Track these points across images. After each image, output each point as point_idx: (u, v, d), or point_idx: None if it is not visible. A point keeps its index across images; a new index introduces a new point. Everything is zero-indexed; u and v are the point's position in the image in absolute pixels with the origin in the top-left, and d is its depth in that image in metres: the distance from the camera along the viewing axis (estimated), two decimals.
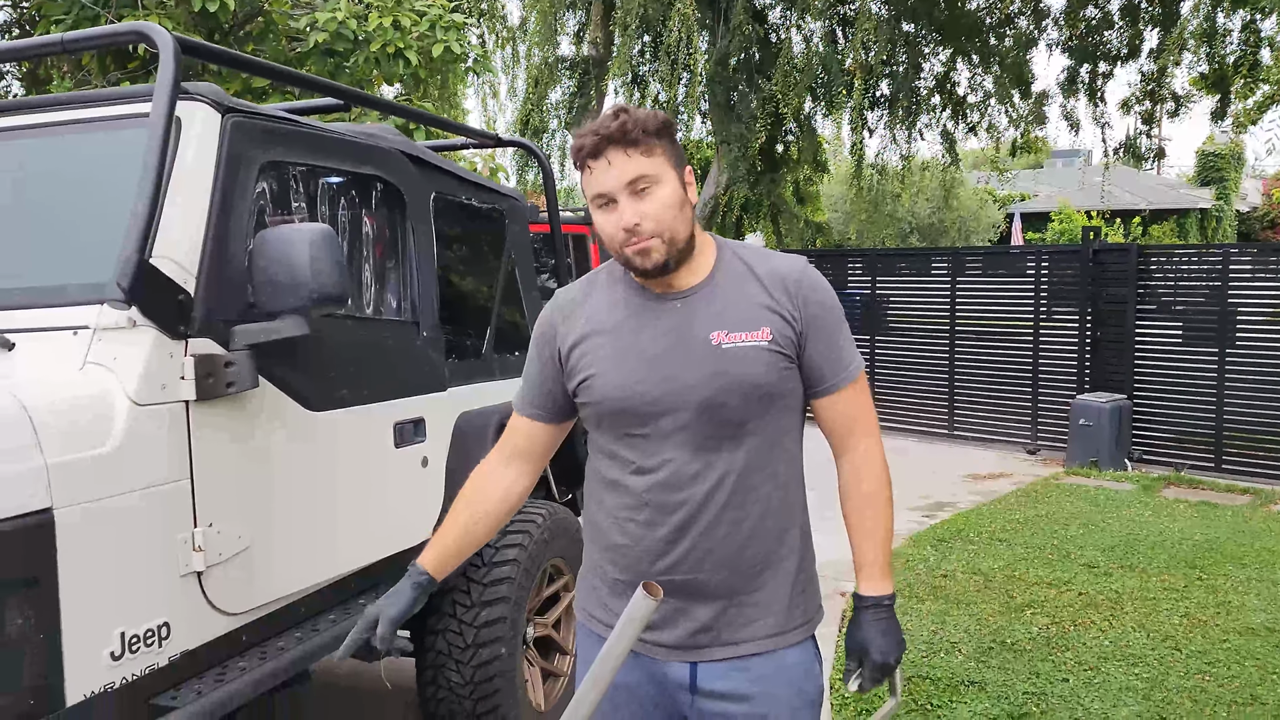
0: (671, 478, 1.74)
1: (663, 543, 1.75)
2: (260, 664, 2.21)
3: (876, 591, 1.79)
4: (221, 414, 2.19)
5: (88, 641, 1.86)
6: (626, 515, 1.78)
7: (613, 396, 1.76)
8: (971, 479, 8.22)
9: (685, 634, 1.76)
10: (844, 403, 1.79)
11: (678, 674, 1.77)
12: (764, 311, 1.73)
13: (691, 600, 1.75)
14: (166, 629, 2.04)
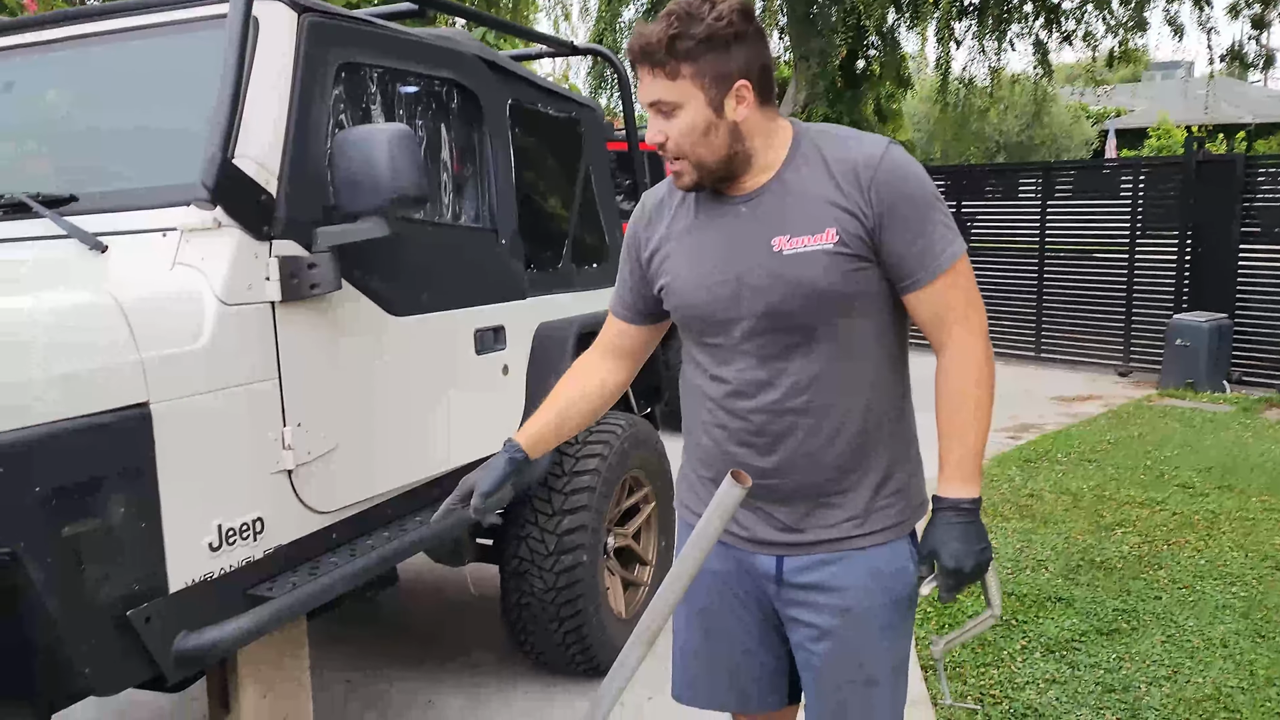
0: (742, 386, 1.72)
1: (739, 446, 1.74)
2: (350, 560, 2.26)
3: (954, 494, 1.70)
4: (306, 316, 2.21)
5: (187, 532, 1.92)
6: (707, 419, 1.79)
7: (685, 303, 1.76)
8: (1059, 401, 8.01)
9: (768, 532, 1.76)
10: (933, 298, 1.67)
11: (765, 565, 1.78)
12: (830, 210, 1.64)
13: (771, 503, 1.75)
14: (260, 524, 2.09)
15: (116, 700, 3.39)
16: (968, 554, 1.67)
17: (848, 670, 1.78)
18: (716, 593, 1.86)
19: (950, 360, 1.71)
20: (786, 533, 1.75)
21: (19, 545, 1.60)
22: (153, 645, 1.84)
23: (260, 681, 2.22)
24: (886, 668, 1.79)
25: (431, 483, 2.68)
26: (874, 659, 1.78)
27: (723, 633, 1.89)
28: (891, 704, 1.82)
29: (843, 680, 1.78)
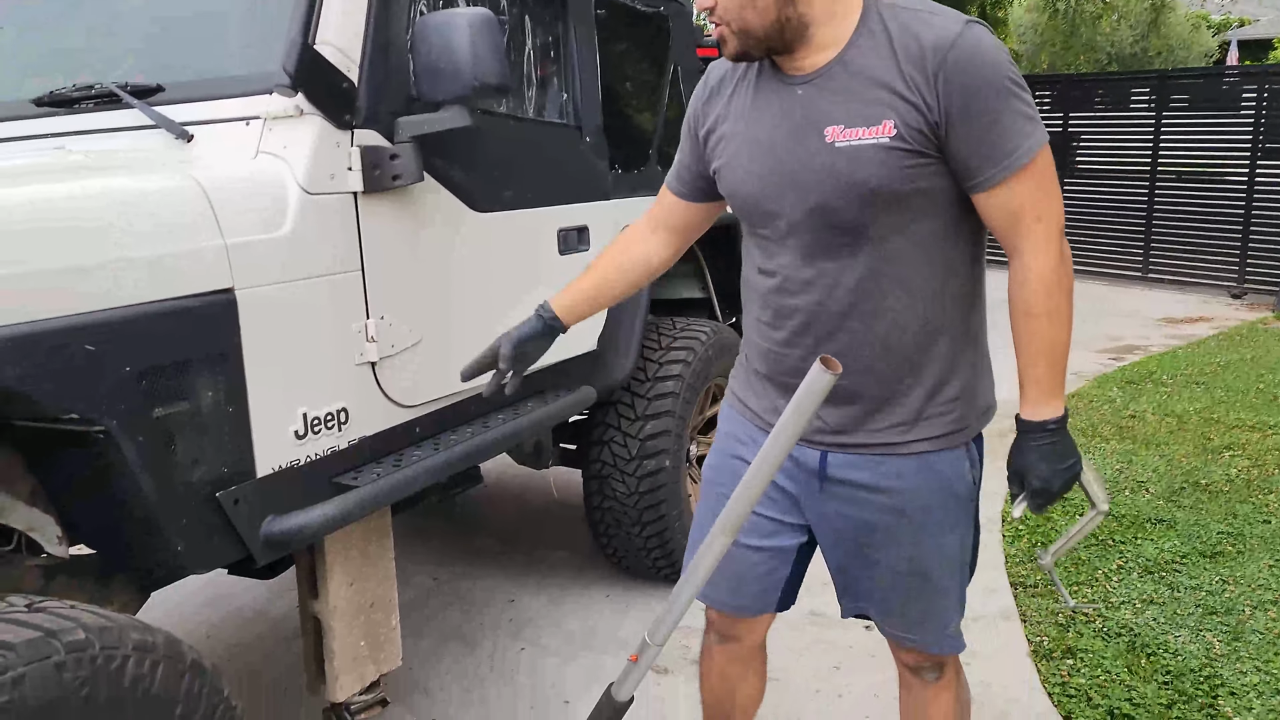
0: (785, 283, 1.66)
1: (784, 345, 1.71)
2: (433, 454, 2.27)
3: (1036, 415, 1.61)
4: (388, 207, 2.19)
5: (273, 419, 1.94)
6: (758, 314, 1.76)
7: (735, 191, 1.69)
8: (1166, 322, 7.67)
9: (813, 429, 1.71)
10: (1005, 198, 1.52)
11: (808, 459, 1.74)
12: (890, 98, 1.48)
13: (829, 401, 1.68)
14: (345, 414, 2.11)
15: (221, 589, 3.53)
16: (1055, 474, 1.61)
17: (896, 561, 1.75)
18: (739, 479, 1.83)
19: (1024, 269, 1.57)
20: (833, 434, 1.71)
21: (111, 423, 1.63)
22: (241, 527, 1.87)
23: (347, 569, 2.27)
24: (939, 564, 1.76)
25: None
26: (926, 554, 1.74)
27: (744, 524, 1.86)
28: (948, 600, 1.80)
29: (894, 571, 1.76)
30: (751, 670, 2.09)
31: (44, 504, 1.85)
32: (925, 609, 1.79)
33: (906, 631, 1.83)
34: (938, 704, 1.94)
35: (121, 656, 1.42)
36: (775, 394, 1.78)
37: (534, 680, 2.93)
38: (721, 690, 2.10)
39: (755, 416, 1.84)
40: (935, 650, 1.84)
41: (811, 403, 1.37)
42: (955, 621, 1.83)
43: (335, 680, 2.27)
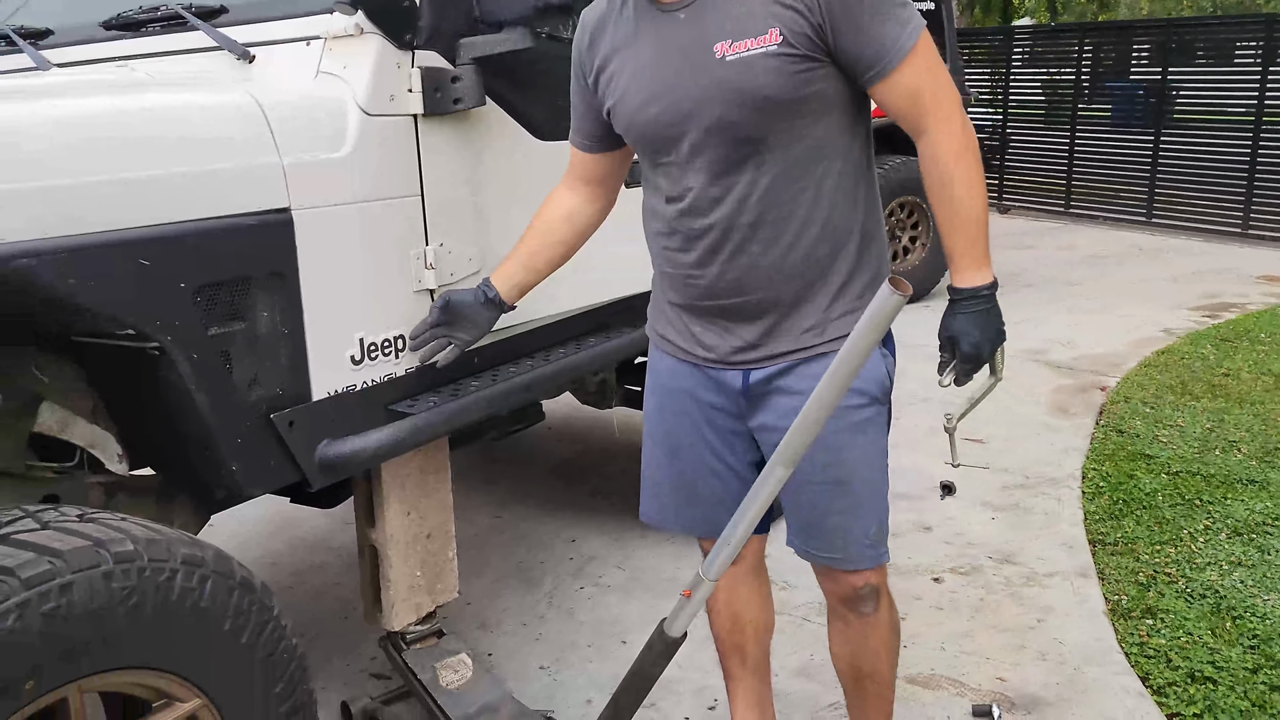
0: (694, 203, 1.67)
1: (696, 267, 1.72)
2: (491, 385, 2.23)
3: (968, 283, 1.65)
4: (449, 132, 2.13)
5: (329, 342, 1.92)
6: (663, 243, 1.78)
7: (633, 123, 1.70)
8: (1266, 280, 7.29)
9: (731, 350, 1.75)
10: (900, 84, 1.57)
11: (731, 381, 1.78)
12: (772, 7, 1.52)
13: (734, 320, 1.73)
14: (402, 341, 2.08)
15: (285, 519, 3.59)
16: (985, 340, 1.66)
17: (811, 470, 1.72)
18: (682, 413, 1.86)
19: (933, 145, 1.60)
20: (749, 350, 1.73)
21: (166, 340, 1.62)
22: (296, 449, 1.86)
23: (403, 499, 2.25)
24: (855, 468, 1.74)
25: (576, 316, 2.61)
26: (840, 459, 1.72)
27: (688, 451, 1.89)
28: (867, 507, 1.77)
29: (807, 480, 1.73)
30: (756, 593, 2.08)
31: (104, 421, 1.87)
32: (845, 521, 1.76)
33: (829, 550, 1.79)
34: (876, 637, 1.90)
35: (170, 569, 1.42)
36: (691, 320, 1.80)
37: (593, 618, 2.91)
38: (730, 620, 2.08)
39: (677, 349, 1.85)
40: (859, 565, 1.79)
41: (878, 326, 1.28)
42: (874, 530, 1.78)
43: (391, 609, 2.27)
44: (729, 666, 2.12)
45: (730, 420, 1.83)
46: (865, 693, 1.96)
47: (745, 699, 2.12)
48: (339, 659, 2.72)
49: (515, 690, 2.45)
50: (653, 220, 1.81)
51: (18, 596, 1.24)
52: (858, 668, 1.94)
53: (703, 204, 1.66)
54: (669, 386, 1.90)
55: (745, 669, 2.10)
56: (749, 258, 1.66)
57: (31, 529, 1.35)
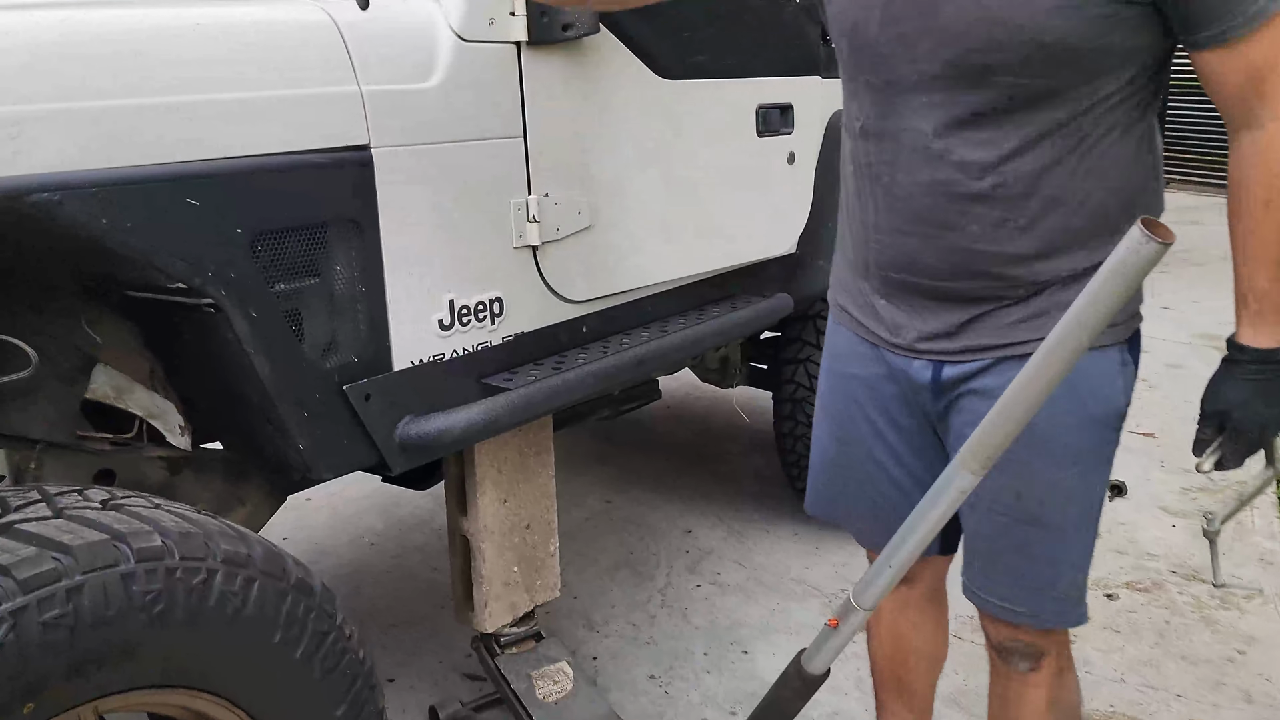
0: (905, 155, 1.28)
1: (893, 235, 1.35)
2: (601, 358, 1.94)
3: (1257, 340, 1.20)
4: (558, 64, 1.84)
5: (414, 304, 1.66)
6: (853, 185, 1.43)
7: (842, 26, 1.34)
8: None
9: (924, 335, 1.38)
10: (1239, 60, 1.15)
11: (919, 373, 1.40)
12: None
13: (932, 300, 1.36)
14: (499, 305, 1.81)
15: (389, 497, 3.40)
16: (1272, 417, 1.24)
17: (1002, 498, 1.34)
18: (854, 400, 1.52)
19: (1256, 147, 1.16)
20: (945, 338, 1.36)
21: (220, 294, 1.38)
22: (372, 427, 1.61)
23: (500, 485, 1.99)
24: (1060, 507, 1.33)
25: (700, 282, 2.30)
26: (1042, 492, 1.32)
27: (857, 446, 1.55)
28: (1066, 555, 1.36)
29: (995, 510, 1.35)
30: (927, 620, 1.71)
31: (164, 389, 1.65)
32: (1027, 565, 1.37)
33: (998, 596, 1.41)
34: (1026, 703, 1.49)
35: (206, 570, 1.18)
36: (874, 292, 1.43)
37: (709, 622, 2.62)
38: (892, 646, 1.74)
39: (856, 324, 1.50)
40: (1033, 621, 1.41)
41: (1120, 286, 0.93)
42: (1067, 583, 1.38)
43: (484, 608, 2.02)
44: (883, 698, 1.78)
45: (915, 419, 1.47)
46: None
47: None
48: (431, 654, 2.50)
49: (620, 704, 2.17)
50: (849, 160, 1.43)
51: (11, 602, 1.01)
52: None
53: (918, 158, 1.29)
54: (842, 368, 1.54)
55: (902, 705, 1.76)
56: (967, 237, 1.28)
57: (41, 516, 1.13)
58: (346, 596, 2.78)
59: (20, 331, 1.40)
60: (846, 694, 2.28)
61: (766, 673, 2.37)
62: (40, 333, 1.46)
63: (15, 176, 1.17)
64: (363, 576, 2.91)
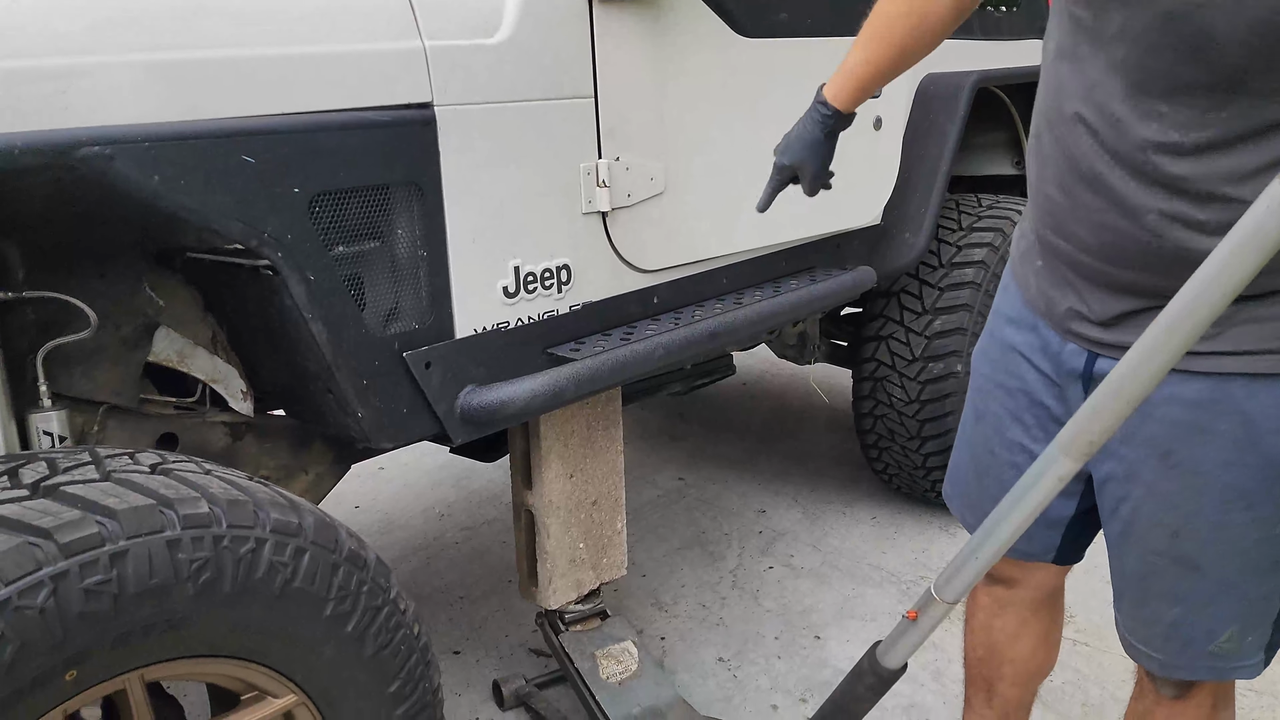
0: (1094, 111, 1.08)
1: (1068, 195, 1.15)
2: (673, 329, 1.86)
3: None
4: (631, 20, 1.76)
5: (477, 270, 1.60)
6: (1064, 136, 1.15)
7: None
8: None
9: (1081, 320, 1.21)
10: None
11: (1071, 358, 1.24)
12: None
13: (1097, 286, 1.18)
14: (567, 273, 1.74)
15: (463, 469, 3.39)
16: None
17: (1155, 536, 1.18)
18: (1001, 370, 1.36)
19: None
20: (1104, 328, 1.19)
21: (277, 256, 1.34)
22: (434, 396, 1.56)
23: (566, 460, 1.94)
24: (1223, 554, 1.15)
25: (778, 254, 2.20)
26: (1200, 534, 1.14)
27: (991, 421, 1.40)
28: (1224, 602, 1.18)
29: (1147, 548, 1.19)
30: (1028, 632, 1.55)
31: (226, 353, 1.63)
32: (1181, 614, 1.21)
33: (1145, 642, 1.26)
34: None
35: (255, 539, 1.14)
36: (1037, 249, 1.28)
37: (781, 605, 2.53)
38: (985, 649, 1.60)
39: (1021, 282, 1.34)
40: (1181, 675, 1.26)
41: (1259, 250, 0.81)
42: (1227, 634, 1.20)
43: (548, 584, 1.97)
44: (971, 697, 1.66)
45: (1058, 404, 1.31)
46: None
47: None
48: (499, 628, 2.47)
49: (687, 686, 2.10)
50: (1052, 110, 1.20)
51: (52, 567, 0.98)
52: None
53: (1105, 117, 1.09)
54: (1002, 332, 1.38)
55: (990, 709, 1.64)
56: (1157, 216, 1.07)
57: (88, 479, 1.10)
58: (417, 569, 2.76)
59: (82, 294, 1.38)
60: (923, 685, 2.18)
61: (839, 660, 2.28)
62: (102, 295, 1.45)
63: (65, 130, 1.14)
64: (433, 549, 2.90)
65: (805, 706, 2.12)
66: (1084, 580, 2.38)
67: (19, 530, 0.99)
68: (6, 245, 1.34)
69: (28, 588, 0.96)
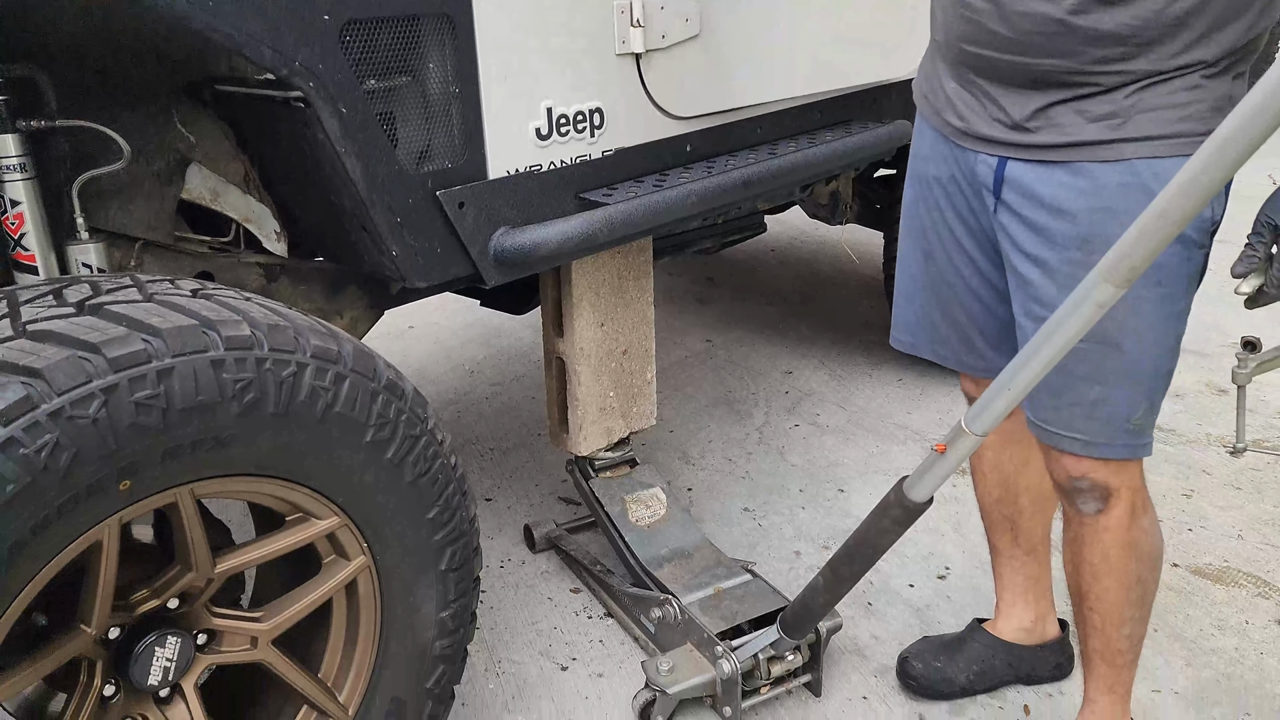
0: None
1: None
2: (705, 178, 1.84)
3: None
4: None
5: (510, 111, 1.58)
6: None
7: None
8: None
9: (990, 125, 1.31)
10: None
11: (983, 171, 1.35)
12: None
13: (1001, 85, 1.28)
14: (599, 116, 1.71)
15: (491, 326, 3.41)
16: None
17: None
18: (933, 204, 1.46)
19: None
20: (1014, 130, 1.28)
21: (309, 87, 1.32)
22: (466, 236, 1.56)
23: (597, 308, 1.94)
24: (1140, 331, 1.25)
25: (814, 105, 2.15)
26: (1119, 314, 1.22)
27: (940, 256, 1.49)
28: (1139, 380, 1.28)
29: None
30: (1034, 456, 1.61)
31: (259, 194, 1.63)
32: (1103, 393, 1.29)
33: (1068, 427, 1.32)
34: (1097, 546, 1.41)
35: (296, 363, 1.16)
36: (947, 73, 1.36)
37: (806, 460, 2.57)
38: (1000, 488, 1.67)
39: (933, 114, 1.42)
40: (1107, 451, 1.32)
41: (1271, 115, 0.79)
42: (1141, 411, 1.30)
43: (579, 430, 2.01)
44: (995, 542, 1.72)
45: (986, 219, 1.39)
46: (1083, 620, 1.49)
47: (1014, 581, 1.73)
48: (528, 477, 2.53)
49: (713, 534, 2.16)
50: None
51: (102, 379, 1.01)
52: (1076, 584, 1.47)
53: None
54: (922, 170, 1.48)
55: (1017, 547, 1.69)
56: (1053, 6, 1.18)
57: (132, 300, 1.11)
58: (448, 422, 2.82)
59: (114, 127, 1.37)
60: (943, 535, 2.22)
61: (862, 511, 2.30)
62: (134, 128, 1.44)
63: None
64: (464, 403, 2.95)
65: (828, 553, 2.18)
66: None
67: (68, 344, 1.01)
68: (38, 74, 1.33)
69: (80, 399, 0.99)
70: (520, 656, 1.89)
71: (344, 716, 1.36)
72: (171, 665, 1.19)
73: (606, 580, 1.97)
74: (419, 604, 1.38)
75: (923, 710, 1.73)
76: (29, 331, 1.04)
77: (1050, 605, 1.76)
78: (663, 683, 1.65)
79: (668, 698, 1.64)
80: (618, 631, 1.95)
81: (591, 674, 1.84)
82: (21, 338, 1.03)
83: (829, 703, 1.75)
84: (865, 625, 1.95)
